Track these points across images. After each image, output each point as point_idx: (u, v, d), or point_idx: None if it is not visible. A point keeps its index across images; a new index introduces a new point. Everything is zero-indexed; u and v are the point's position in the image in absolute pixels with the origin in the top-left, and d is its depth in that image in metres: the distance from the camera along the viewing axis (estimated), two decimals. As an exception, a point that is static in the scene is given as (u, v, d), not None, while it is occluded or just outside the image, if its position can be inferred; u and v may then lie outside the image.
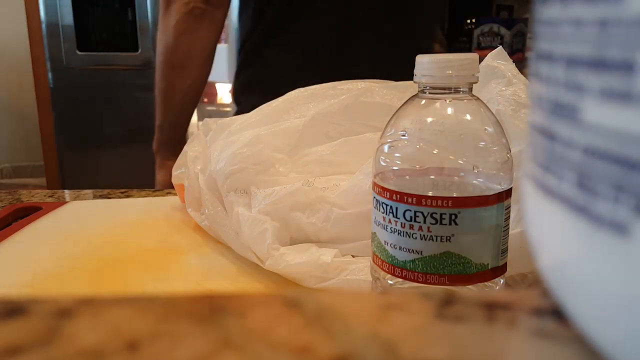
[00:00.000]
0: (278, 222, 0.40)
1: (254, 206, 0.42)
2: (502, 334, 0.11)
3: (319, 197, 0.41)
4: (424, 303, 0.13)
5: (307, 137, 0.45)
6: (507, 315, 0.12)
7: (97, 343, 0.11)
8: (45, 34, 2.24)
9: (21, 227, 0.51)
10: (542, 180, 0.11)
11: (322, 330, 0.11)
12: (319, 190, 0.41)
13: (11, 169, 2.99)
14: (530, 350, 0.11)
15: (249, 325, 0.12)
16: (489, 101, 0.36)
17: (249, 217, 0.41)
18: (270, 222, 0.40)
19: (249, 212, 0.42)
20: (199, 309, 0.12)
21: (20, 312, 0.12)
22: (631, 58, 0.09)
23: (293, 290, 0.13)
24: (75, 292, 0.16)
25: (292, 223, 0.41)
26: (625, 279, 0.09)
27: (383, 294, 0.13)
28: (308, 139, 0.45)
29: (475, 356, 0.11)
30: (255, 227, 0.40)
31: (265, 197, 0.41)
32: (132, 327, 0.11)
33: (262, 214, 0.41)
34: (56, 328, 0.11)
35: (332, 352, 0.11)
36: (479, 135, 0.30)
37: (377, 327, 0.12)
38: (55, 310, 0.12)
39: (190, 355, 0.11)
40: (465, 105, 0.30)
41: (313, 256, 0.37)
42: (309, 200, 0.41)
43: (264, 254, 0.39)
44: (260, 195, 0.42)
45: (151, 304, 0.13)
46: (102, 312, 0.12)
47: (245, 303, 0.13)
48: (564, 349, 0.11)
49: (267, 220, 0.40)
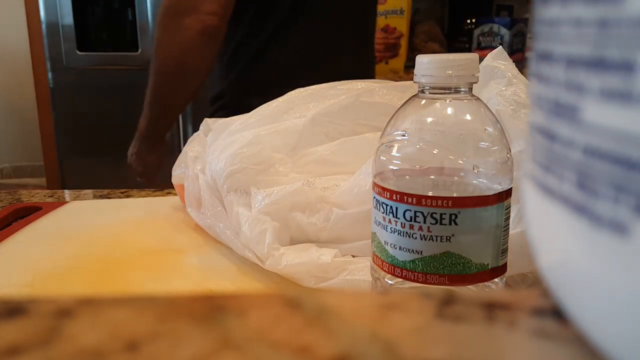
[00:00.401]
0: (278, 222, 0.40)
1: (254, 206, 0.42)
2: (502, 334, 0.11)
3: (319, 197, 0.41)
4: (424, 303, 0.13)
5: (307, 137, 0.45)
6: (507, 315, 0.12)
7: (97, 343, 0.11)
8: (45, 34, 2.24)
9: (21, 227, 0.51)
10: (542, 180, 0.11)
11: (322, 330, 0.11)
12: (319, 190, 0.41)
13: (11, 169, 2.99)
14: (530, 350, 0.11)
15: (249, 325, 0.12)
16: (489, 101, 0.36)
17: (249, 217, 0.41)
18: (270, 222, 0.40)
19: (249, 212, 0.42)
20: (199, 309, 0.12)
21: (20, 312, 0.12)
22: (631, 58, 0.09)
23: (293, 290, 0.13)
24: (75, 292, 0.16)
25: (292, 223, 0.41)
26: (625, 279, 0.09)
27: (383, 293, 0.13)
28: (308, 139, 0.45)
29: (475, 356, 0.11)
30: (255, 227, 0.40)
31: (265, 197, 0.41)
32: (132, 327, 0.11)
33: (262, 214, 0.41)
34: (56, 328, 0.11)
35: (332, 352, 0.11)
36: (480, 135, 0.30)
37: (377, 327, 0.12)
38: (55, 310, 0.12)
39: (190, 355, 0.11)
40: (465, 105, 0.30)
41: (313, 256, 0.37)
42: (309, 200, 0.41)
43: (264, 254, 0.39)
44: (260, 195, 0.42)
45: (151, 304, 0.13)
46: (102, 312, 0.12)
47: (245, 303, 0.13)
48: (564, 349, 0.11)
49: (267, 220, 0.40)
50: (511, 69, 0.39)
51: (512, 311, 0.12)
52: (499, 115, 0.35)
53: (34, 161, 2.92)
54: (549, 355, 0.11)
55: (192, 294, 0.13)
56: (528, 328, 0.12)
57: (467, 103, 0.30)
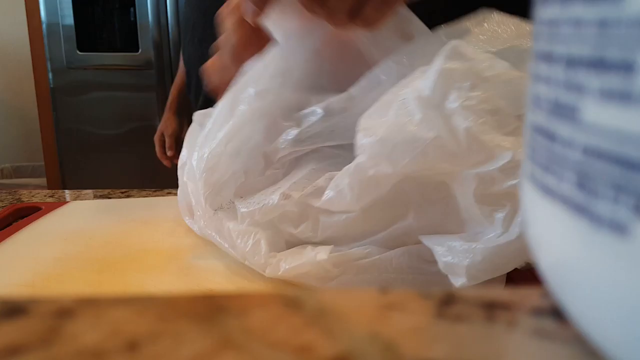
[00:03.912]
0: (270, 230, 0.40)
1: (241, 217, 0.41)
2: (502, 334, 0.12)
3: (303, 205, 0.39)
4: (424, 303, 0.13)
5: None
6: (507, 315, 0.12)
7: (97, 343, 0.11)
8: (45, 34, 2.25)
9: (21, 227, 0.51)
10: (541, 180, 0.11)
11: (322, 330, 0.11)
12: (300, 199, 0.39)
13: (11, 169, 2.99)
14: (530, 350, 0.11)
15: (249, 325, 0.12)
16: (453, 117, 0.30)
17: (240, 231, 0.40)
18: (262, 232, 0.39)
19: (239, 225, 0.41)
20: (199, 309, 0.12)
21: (20, 312, 0.12)
22: (631, 58, 0.09)
23: (293, 290, 0.13)
24: (75, 292, 0.16)
25: (283, 231, 0.40)
26: (625, 279, 0.09)
27: (383, 293, 0.13)
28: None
29: (475, 356, 0.11)
30: (248, 239, 0.39)
31: (251, 208, 0.40)
32: (133, 327, 0.11)
33: (252, 226, 0.40)
34: (56, 328, 0.11)
35: (332, 352, 0.11)
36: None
37: (377, 327, 0.12)
38: (56, 310, 0.12)
39: (191, 355, 0.11)
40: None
41: (309, 256, 0.37)
42: (292, 210, 0.39)
43: (262, 264, 0.39)
44: (244, 207, 0.41)
45: (151, 304, 0.13)
46: (102, 312, 0.12)
47: (245, 303, 0.13)
48: (564, 349, 0.11)
49: (258, 231, 0.40)
50: (474, 65, 0.31)
51: (512, 311, 0.12)
52: (471, 133, 0.29)
53: (34, 161, 2.93)
54: (549, 355, 0.11)
55: (192, 294, 0.13)
56: (528, 328, 0.12)
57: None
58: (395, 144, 0.32)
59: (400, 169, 0.32)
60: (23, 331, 0.11)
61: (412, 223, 0.36)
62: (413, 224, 0.36)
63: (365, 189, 0.35)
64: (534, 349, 0.11)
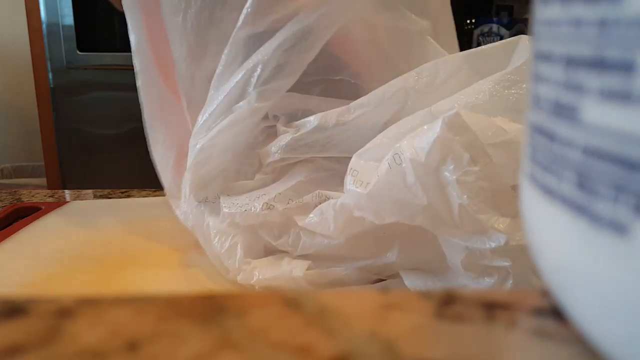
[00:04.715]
0: (249, 234, 0.39)
1: (223, 216, 0.40)
2: (502, 334, 0.12)
3: (285, 218, 0.38)
4: (424, 303, 0.13)
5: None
6: (507, 315, 0.12)
7: (97, 343, 0.11)
8: (45, 34, 2.24)
9: (21, 227, 0.51)
10: (541, 180, 0.11)
11: (322, 330, 0.11)
12: (284, 211, 0.38)
13: (11, 169, 2.99)
14: (530, 350, 0.11)
15: (249, 325, 0.12)
16: (446, 189, 0.28)
17: (219, 230, 0.40)
18: (240, 235, 0.39)
19: (219, 224, 0.40)
20: (199, 309, 0.12)
21: (20, 312, 0.12)
22: (631, 58, 0.09)
23: (293, 290, 0.13)
24: (75, 292, 0.16)
25: (263, 237, 0.39)
26: (625, 279, 0.09)
27: (383, 293, 0.13)
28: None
29: (475, 356, 0.11)
30: (225, 241, 0.39)
31: (233, 210, 0.39)
32: (132, 327, 0.11)
33: (232, 227, 0.39)
34: (56, 328, 0.11)
35: (332, 352, 0.11)
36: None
37: (377, 327, 0.12)
38: (55, 310, 0.12)
39: (191, 355, 0.11)
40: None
41: (284, 270, 0.36)
42: (274, 220, 0.38)
43: (235, 269, 0.38)
44: (227, 207, 0.40)
45: (151, 304, 0.13)
46: (102, 312, 0.12)
47: (245, 303, 0.13)
48: (564, 349, 0.11)
49: (237, 233, 0.39)
50: (471, 139, 0.29)
51: (512, 311, 0.12)
52: (465, 210, 0.28)
53: (34, 161, 2.93)
54: (549, 355, 0.11)
55: (192, 294, 0.13)
56: (528, 328, 0.12)
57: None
58: (384, 202, 0.31)
59: (386, 221, 0.31)
60: (23, 331, 0.11)
61: (395, 259, 0.35)
62: (396, 259, 0.35)
63: (350, 224, 0.34)
64: (534, 349, 0.11)
